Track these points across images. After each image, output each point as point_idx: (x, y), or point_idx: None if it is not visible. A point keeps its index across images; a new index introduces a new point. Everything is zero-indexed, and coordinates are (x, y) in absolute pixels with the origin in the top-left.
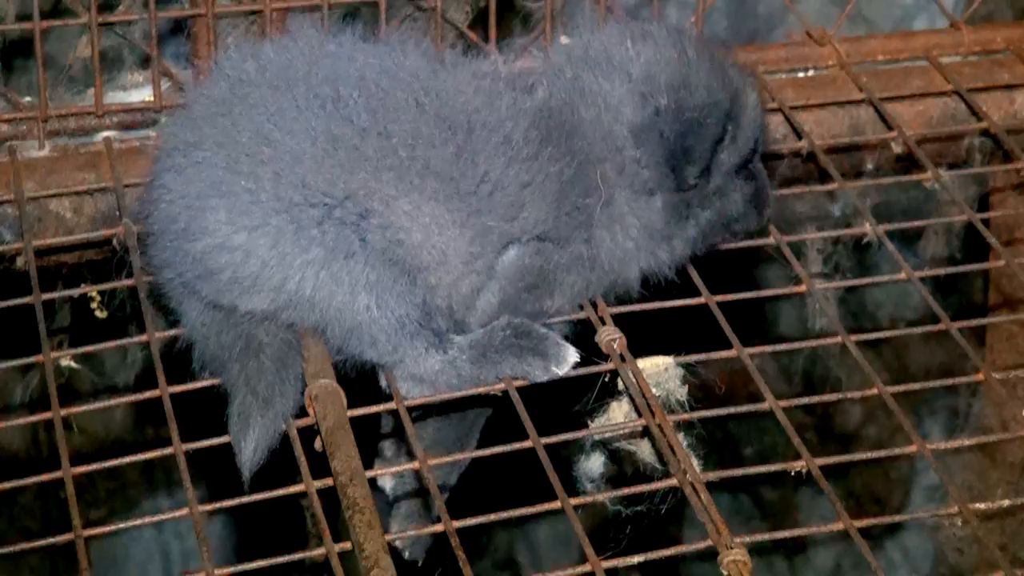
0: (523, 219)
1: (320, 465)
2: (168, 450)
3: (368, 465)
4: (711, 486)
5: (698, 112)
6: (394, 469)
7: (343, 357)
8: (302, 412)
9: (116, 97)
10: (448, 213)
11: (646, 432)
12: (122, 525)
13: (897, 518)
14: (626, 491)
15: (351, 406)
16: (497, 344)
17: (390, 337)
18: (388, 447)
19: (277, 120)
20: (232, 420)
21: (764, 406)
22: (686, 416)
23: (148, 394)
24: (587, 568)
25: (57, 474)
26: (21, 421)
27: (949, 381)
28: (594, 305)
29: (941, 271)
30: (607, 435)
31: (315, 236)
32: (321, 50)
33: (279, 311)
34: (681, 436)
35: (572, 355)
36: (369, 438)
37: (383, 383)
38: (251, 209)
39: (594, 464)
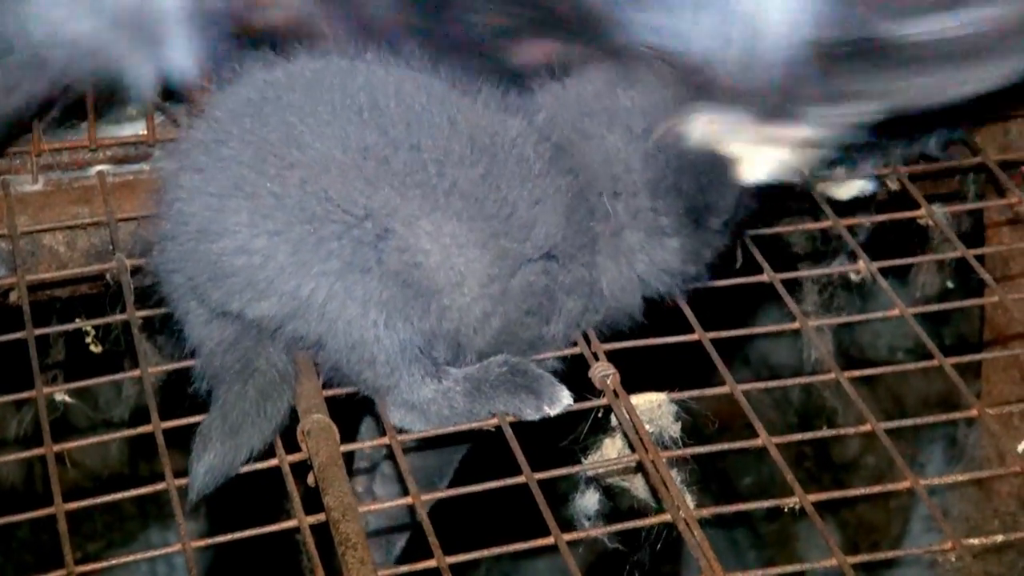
0: (534, 237)
1: (313, 501)
2: (161, 485)
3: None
4: (708, 520)
5: (714, 169)
6: (387, 504)
7: (336, 377)
8: (295, 447)
9: (109, 131)
10: (471, 233)
11: (639, 468)
12: (115, 561)
13: (890, 554)
14: (619, 527)
15: (344, 441)
16: (492, 379)
17: (389, 358)
18: (359, 483)
19: (309, 122)
20: (195, 439)
21: (758, 442)
22: (679, 452)
23: (141, 429)
24: None
25: (50, 510)
26: (14, 457)
27: (943, 417)
28: (588, 341)
29: (934, 307)
30: (600, 471)
31: (334, 248)
32: (356, 60)
33: (286, 319)
34: (674, 472)
35: (565, 397)
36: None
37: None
38: (275, 214)
39: (590, 501)
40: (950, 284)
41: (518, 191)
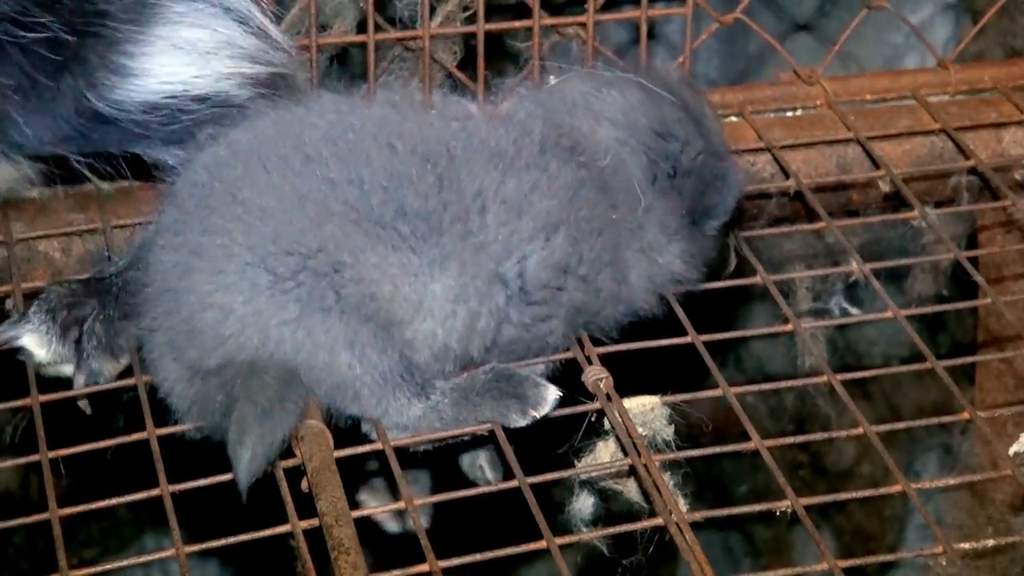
0: (521, 228)
1: (306, 506)
2: (155, 491)
3: (354, 506)
4: (703, 525)
5: (710, 171)
6: (381, 509)
7: (330, 412)
8: (288, 452)
9: None
10: (424, 255)
11: (632, 472)
12: (109, 567)
13: (882, 558)
14: (611, 531)
15: (337, 447)
16: (478, 387)
17: (373, 392)
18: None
19: (245, 182)
20: (230, 432)
21: (751, 445)
22: (672, 456)
23: (135, 436)
24: None
25: (44, 515)
26: (9, 463)
27: (935, 420)
28: (581, 344)
29: (928, 309)
30: (593, 475)
31: (290, 288)
32: (286, 118)
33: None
34: (667, 476)
35: (551, 395)
36: (356, 479)
37: (365, 428)
38: (226, 265)
39: (584, 505)
40: (945, 291)
41: (493, 187)
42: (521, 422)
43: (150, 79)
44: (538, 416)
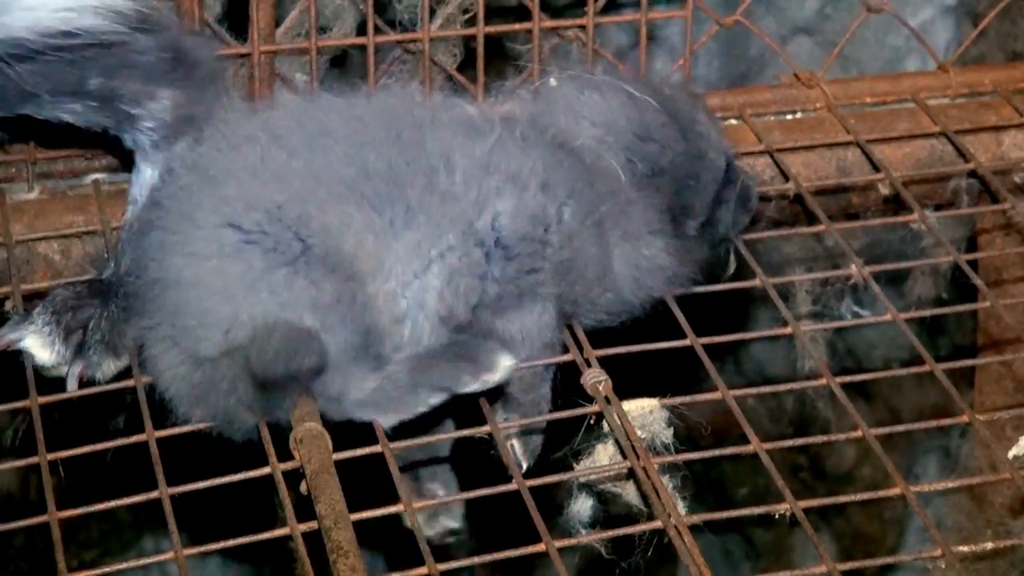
0: (496, 178)
1: (305, 508)
2: (154, 494)
3: (353, 508)
4: (701, 529)
5: (685, 172)
6: (379, 512)
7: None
8: (287, 455)
9: None
10: (385, 214)
11: (631, 474)
12: (107, 569)
13: (880, 561)
14: (610, 533)
15: (336, 449)
16: (434, 352)
17: (334, 361)
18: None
19: (213, 159)
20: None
21: (749, 448)
22: (671, 458)
23: (135, 438)
24: None
25: (44, 518)
26: (8, 465)
27: (934, 423)
28: (580, 346)
29: (927, 312)
30: (592, 478)
31: (256, 240)
32: (256, 110)
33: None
34: (667, 479)
35: (505, 361)
36: (354, 481)
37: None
38: (194, 234)
39: (583, 507)
40: (944, 294)
41: (461, 149)
42: (473, 385)
43: (16, 11)
44: (490, 382)
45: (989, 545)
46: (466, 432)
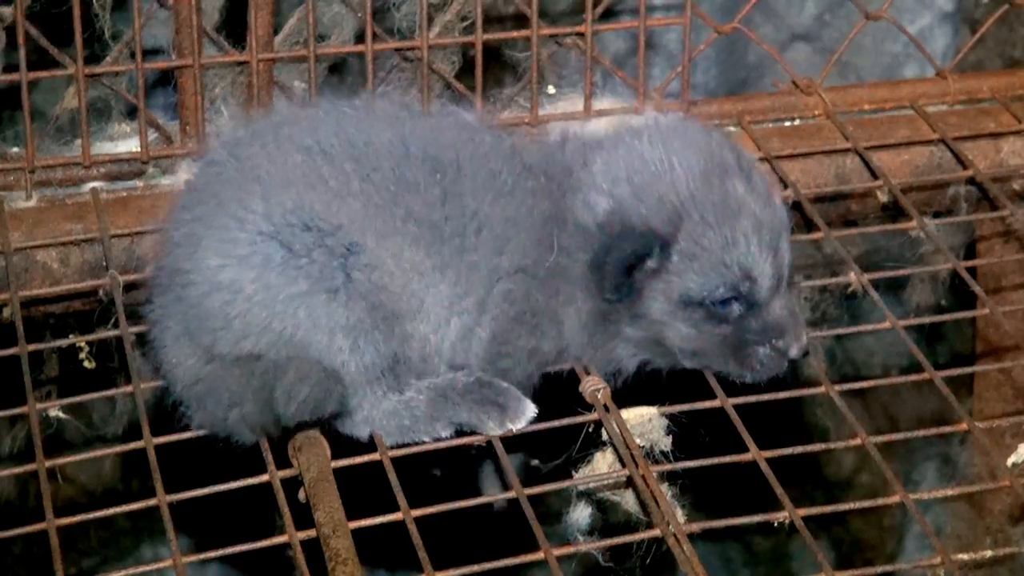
0: (509, 252)
1: (304, 516)
2: (152, 501)
3: (352, 516)
4: (701, 537)
5: (615, 236)
6: (377, 520)
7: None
8: (286, 463)
9: (103, 148)
10: (428, 259)
11: (630, 482)
12: None
13: (880, 569)
14: (608, 542)
15: (334, 457)
16: (459, 389)
17: (353, 380)
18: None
19: (264, 162)
20: (280, 387)
21: (747, 456)
22: (669, 466)
23: (133, 445)
24: None
25: (42, 525)
26: (6, 473)
27: (932, 431)
28: None
29: (926, 320)
30: (591, 485)
31: (303, 265)
32: (303, 112)
33: (267, 351)
34: (665, 486)
35: (530, 411)
36: (352, 489)
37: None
38: (238, 236)
39: (581, 515)
40: (943, 301)
41: (490, 206)
42: (496, 432)
43: None
44: (514, 429)
45: (989, 553)
46: (463, 441)
